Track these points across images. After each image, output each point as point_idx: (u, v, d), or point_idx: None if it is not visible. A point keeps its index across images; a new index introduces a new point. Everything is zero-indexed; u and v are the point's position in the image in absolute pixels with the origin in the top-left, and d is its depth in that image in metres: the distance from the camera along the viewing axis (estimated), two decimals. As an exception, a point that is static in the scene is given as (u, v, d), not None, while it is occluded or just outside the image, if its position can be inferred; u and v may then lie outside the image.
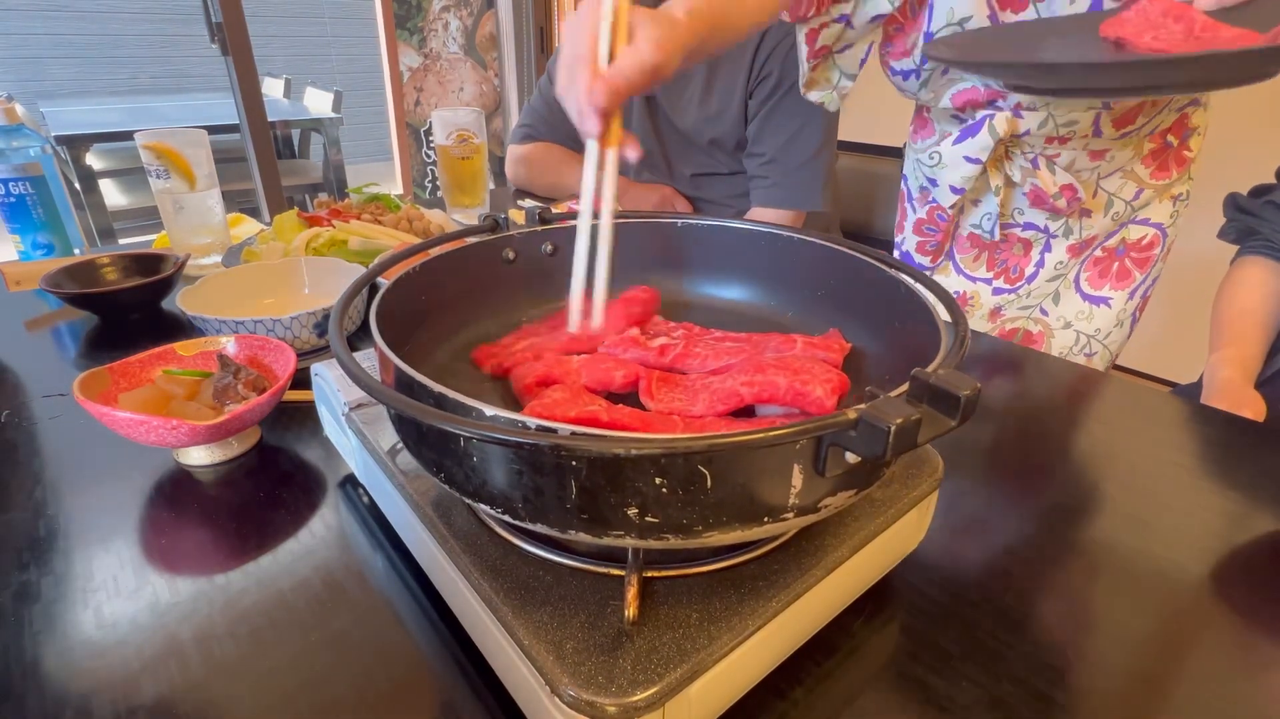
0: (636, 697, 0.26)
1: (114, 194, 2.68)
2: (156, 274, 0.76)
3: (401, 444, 0.40)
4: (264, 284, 0.73)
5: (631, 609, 0.30)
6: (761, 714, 0.33)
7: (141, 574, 0.41)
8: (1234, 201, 0.92)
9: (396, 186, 3.15)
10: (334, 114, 2.90)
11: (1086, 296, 0.85)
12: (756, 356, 0.43)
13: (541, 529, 0.29)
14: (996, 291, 0.88)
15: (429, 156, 3.13)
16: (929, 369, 0.26)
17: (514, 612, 0.30)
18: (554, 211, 0.51)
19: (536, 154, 1.29)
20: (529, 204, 1.20)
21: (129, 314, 0.75)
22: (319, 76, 4.08)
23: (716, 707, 0.31)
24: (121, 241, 2.44)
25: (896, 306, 0.41)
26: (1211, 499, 0.50)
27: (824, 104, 0.82)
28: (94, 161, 2.54)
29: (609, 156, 0.44)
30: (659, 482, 0.26)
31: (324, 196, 1.06)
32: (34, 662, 0.35)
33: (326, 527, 0.45)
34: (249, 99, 2.26)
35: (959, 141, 0.77)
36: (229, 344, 0.57)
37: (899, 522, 0.38)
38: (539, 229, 0.51)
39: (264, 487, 0.49)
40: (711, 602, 0.31)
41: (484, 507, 0.30)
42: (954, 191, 0.80)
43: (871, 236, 1.37)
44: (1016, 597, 0.41)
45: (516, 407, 0.41)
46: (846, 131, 1.21)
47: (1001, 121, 0.72)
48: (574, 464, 0.26)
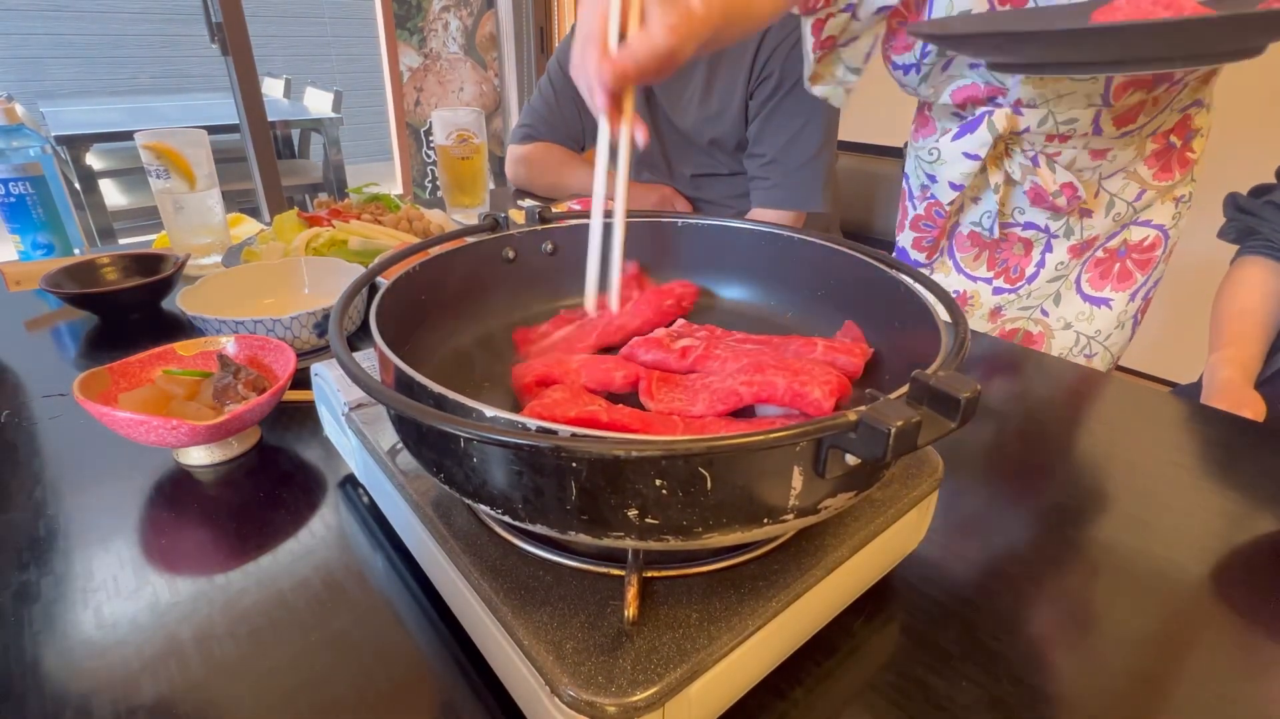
0: (636, 697, 0.26)
1: (114, 194, 2.68)
2: (156, 274, 0.76)
3: (401, 444, 0.40)
4: (264, 284, 0.73)
5: (631, 609, 0.30)
6: (761, 714, 0.33)
7: (141, 574, 0.41)
8: (1234, 201, 0.92)
9: (396, 186, 3.15)
10: (334, 114, 2.91)
11: (1087, 298, 0.85)
12: (759, 357, 0.43)
13: (541, 530, 0.29)
14: (997, 291, 0.88)
15: (429, 156, 3.13)
16: (929, 371, 0.26)
17: (514, 612, 0.30)
18: (554, 211, 0.51)
19: (536, 154, 1.29)
20: (529, 204, 1.20)
21: (129, 314, 0.75)
22: (319, 76, 4.08)
23: (716, 707, 0.31)
24: (121, 241, 2.45)
25: (896, 307, 0.41)
26: (1211, 499, 0.50)
27: (828, 99, 0.82)
28: (94, 161, 2.54)
29: (621, 134, 0.44)
30: (659, 483, 0.26)
31: (324, 196, 1.06)
32: (34, 662, 0.35)
33: (326, 527, 0.45)
34: (249, 99, 2.26)
35: (958, 137, 0.77)
36: (229, 344, 0.57)
37: (899, 522, 0.38)
38: (539, 228, 0.51)
39: (264, 487, 0.49)
40: (711, 602, 0.31)
41: (484, 507, 0.30)
42: (953, 188, 0.80)
43: (871, 236, 1.37)
44: (1016, 597, 0.41)
45: (517, 407, 0.41)
46: (847, 131, 1.21)
47: (1001, 118, 0.72)
48: (574, 466, 0.26)
